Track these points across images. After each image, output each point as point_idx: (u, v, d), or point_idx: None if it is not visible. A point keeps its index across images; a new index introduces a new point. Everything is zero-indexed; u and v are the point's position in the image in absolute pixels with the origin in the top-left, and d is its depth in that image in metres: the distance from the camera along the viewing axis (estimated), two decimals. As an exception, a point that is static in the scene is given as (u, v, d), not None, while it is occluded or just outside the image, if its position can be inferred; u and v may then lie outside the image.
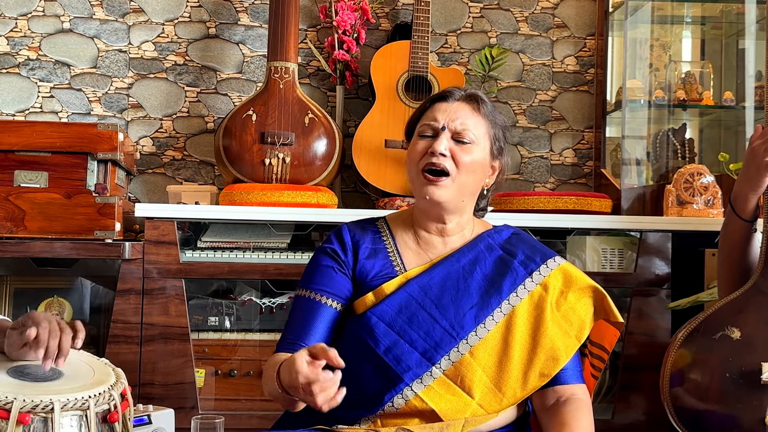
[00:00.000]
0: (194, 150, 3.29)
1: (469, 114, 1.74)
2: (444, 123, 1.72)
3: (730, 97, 3.20)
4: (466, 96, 1.76)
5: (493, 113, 1.77)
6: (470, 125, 1.73)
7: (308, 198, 2.80)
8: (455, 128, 1.72)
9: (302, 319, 1.72)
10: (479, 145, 1.73)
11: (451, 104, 1.75)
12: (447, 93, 1.77)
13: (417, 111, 1.81)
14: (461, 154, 1.71)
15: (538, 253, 1.78)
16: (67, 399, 1.52)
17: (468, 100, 1.76)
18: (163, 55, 3.28)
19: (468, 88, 1.81)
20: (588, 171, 3.42)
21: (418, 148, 1.73)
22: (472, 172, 1.73)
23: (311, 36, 3.33)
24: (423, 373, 1.65)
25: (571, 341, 1.71)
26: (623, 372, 2.75)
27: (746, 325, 1.85)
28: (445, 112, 1.73)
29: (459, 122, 1.72)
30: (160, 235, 2.66)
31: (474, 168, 1.73)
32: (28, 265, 2.79)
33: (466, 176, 1.72)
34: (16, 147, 2.64)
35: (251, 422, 2.66)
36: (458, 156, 1.70)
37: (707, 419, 1.83)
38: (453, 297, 1.71)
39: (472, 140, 1.72)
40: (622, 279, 2.79)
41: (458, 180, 1.71)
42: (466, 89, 1.79)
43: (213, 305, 2.81)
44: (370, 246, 1.79)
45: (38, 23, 3.24)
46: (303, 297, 1.75)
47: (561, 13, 3.42)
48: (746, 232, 1.93)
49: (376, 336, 1.67)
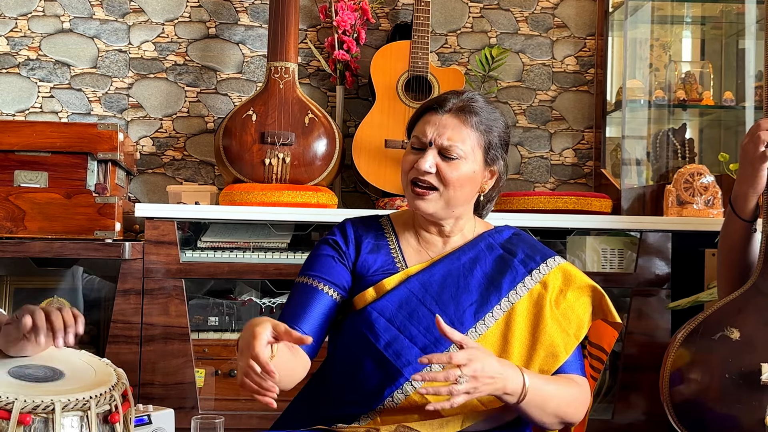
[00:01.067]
0: (194, 150, 3.29)
1: (458, 128, 1.70)
2: (431, 138, 1.70)
3: (730, 97, 3.20)
4: (456, 108, 1.72)
5: (487, 121, 1.73)
6: (458, 140, 1.70)
7: (308, 198, 2.80)
8: (441, 144, 1.70)
9: (298, 304, 1.72)
10: (468, 160, 1.71)
11: (441, 117, 1.71)
12: (438, 103, 1.73)
13: (413, 117, 1.80)
14: (447, 170, 1.69)
15: (538, 252, 1.79)
16: (68, 399, 1.52)
17: (458, 112, 1.71)
18: (163, 55, 3.28)
19: (465, 91, 1.77)
20: (588, 171, 3.42)
21: (408, 159, 1.74)
22: (460, 186, 1.71)
23: (311, 36, 3.33)
24: (423, 369, 1.65)
25: (570, 339, 1.72)
26: (623, 372, 2.76)
27: (746, 325, 1.85)
28: (433, 126, 1.71)
29: (446, 138, 1.69)
30: (160, 235, 2.67)
31: (461, 183, 1.71)
32: (28, 265, 2.79)
33: (453, 191, 1.71)
34: (16, 147, 2.64)
35: (251, 422, 2.66)
36: (444, 172, 1.69)
37: (707, 419, 1.83)
38: (453, 294, 1.72)
39: (460, 156, 1.70)
40: (622, 279, 2.79)
41: (445, 195, 1.71)
42: (461, 95, 1.74)
43: (213, 305, 2.81)
44: (372, 241, 1.80)
45: (38, 23, 3.24)
46: (301, 283, 1.76)
47: (561, 13, 3.42)
48: (746, 233, 1.94)
49: (377, 331, 1.68)
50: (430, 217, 1.75)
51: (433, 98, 1.78)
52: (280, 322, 1.47)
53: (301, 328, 1.68)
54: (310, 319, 1.71)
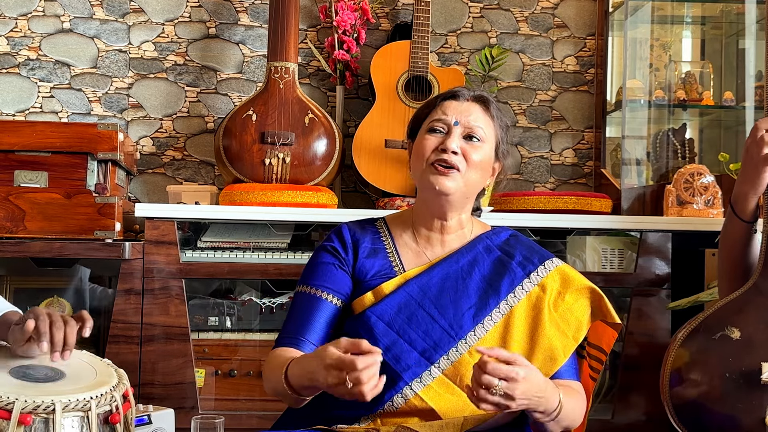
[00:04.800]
0: (194, 150, 3.29)
1: (480, 113, 1.76)
2: (457, 119, 1.73)
3: (730, 97, 3.20)
4: (475, 97, 1.78)
5: (500, 116, 1.80)
6: (481, 124, 1.74)
7: (308, 198, 2.80)
8: (467, 124, 1.73)
9: (302, 314, 1.73)
10: (487, 144, 1.75)
11: (462, 103, 1.76)
12: (457, 92, 1.79)
13: (424, 108, 1.81)
14: (471, 151, 1.72)
15: (535, 254, 1.79)
16: (69, 400, 1.52)
17: (478, 100, 1.78)
18: (163, 55, 3.28)
19: (475, 89, 1.83)
20: (588, 171, 3.42)
21: (428, 143, 1.74)
22: (481, 169, 1.74)
23: (311, 36, 3.33)
24: (422, 372, 1.65)
25: (569, 342, 1.72)
26: (623, 372, 2.76)
27: (746, 325, 1.85)
28: (456, 109, 1.75)
29: (472, 120, 1.74)
30: (160, 235, 2.67)
31: (482, 166, 1.74)
32: (28, 265, 2.79)
33: (474, 173, 1.73)
34: (16, 147, 2.64)
35: (251, 422, 2.66)
36: (468, 153, 1.72)
37: (707, 419, 1.83)
38: (452, 297, 1.72)
39: (483, 138, 1.74)
40: (622, 279, 2.79)
41: (467, 176, 1.72)
42: (474, 90, 1.81)
43: (213, 305, 2.81)
44: (369, 245, 1.79)
45: (38, 23, 3.24)
46: (303, 293, 1.76)
47: (561, 13, 3.42)
48: (746, 233, 1.94)
49: (376, 335, 1.68)
50: (445, 199, 1.73)
51: (447, 91, 1.82)
52: (341, 338, 1.46)
53: (308, 338, 1.69)
54: (316, 329, 1.71)
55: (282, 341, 1.72)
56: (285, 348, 1.69)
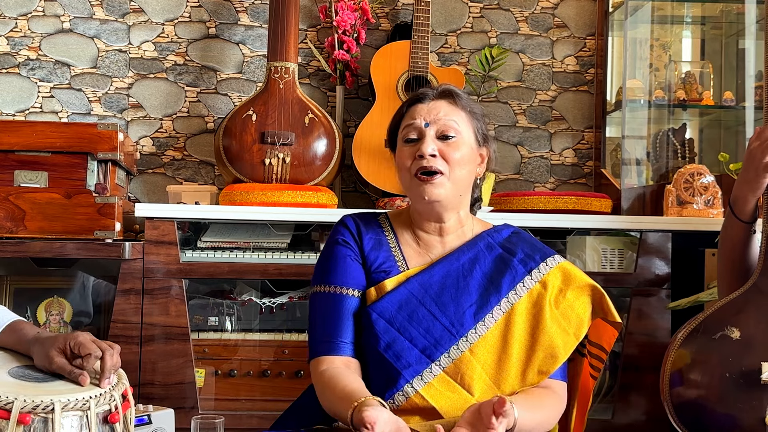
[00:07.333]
0: (194, 150, 3.29)
1: (448, 109, 1.75)
2: (427, 121, 1.73)
3: (730, 97, 3.20)
4: (440, 93, 1.77)
5: (469, 104, 1.78)
6: (452, 120, 1.73)
7: (308, 198, 2.80)
8: (438, 125, 1.73)
9: (331, 316, 1.72)
10: (464, 137, 1.74)
11: (428, 103, 1.76)
12: (421, 95, 1.78)
13: (395, 118, 1.82)
14: (449, 151, 1.71)
15: (537, 251, 1.79)
16: (68, 399, 1.52)
17: (443, 96, 1.77)
18: (163, 55, 3.28)
19: (438, 86, 1.81)
20: (588, 171, 3.42)
21: (406, 153, 1.75)
22: (465, 164, 1.74)
23: (311, 36, 3.33)
24: (423, 370, 1.65)
25: (570, 339, 1.72)
26: (623, 372, 2.75)
27: (746, 325, 1.85)
28: (423, 111, 1.75)
29: (441, 118, 1.73)
30: (160, 235, 2.66)
31: (465, 161, 1.73)
32: (28, 265, 2.78)
33: (459, 171, 1.73)
34: (16, 147, 2.64)
35: (251, 422, 2.66)
36: (447, 153, 1.71)
37: (707, 419, 1.83)
38: (453, 295, 1.72)
39: (458, 133, 1.73)
40: (622, 279, 2.79)
41: (452, 176, 1.72)
42: (437, 87, 1.79)
43: (213, 305, 2.81)
44: (373, 237, 1.80)
45: (38, 23, 3.24)
46: (325, 293, 1.75)
47: (561, 13, 3.42)
48: (746, 234, 1.94)
49: (376, 332, 1.68)
50: (438, 205, 1.73)
51: (411, 95, 1.82)
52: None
53: (343, 339, 1.69)
54: (348, 328, 1.71)
55: (320, 348, 1.71)
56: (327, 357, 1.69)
